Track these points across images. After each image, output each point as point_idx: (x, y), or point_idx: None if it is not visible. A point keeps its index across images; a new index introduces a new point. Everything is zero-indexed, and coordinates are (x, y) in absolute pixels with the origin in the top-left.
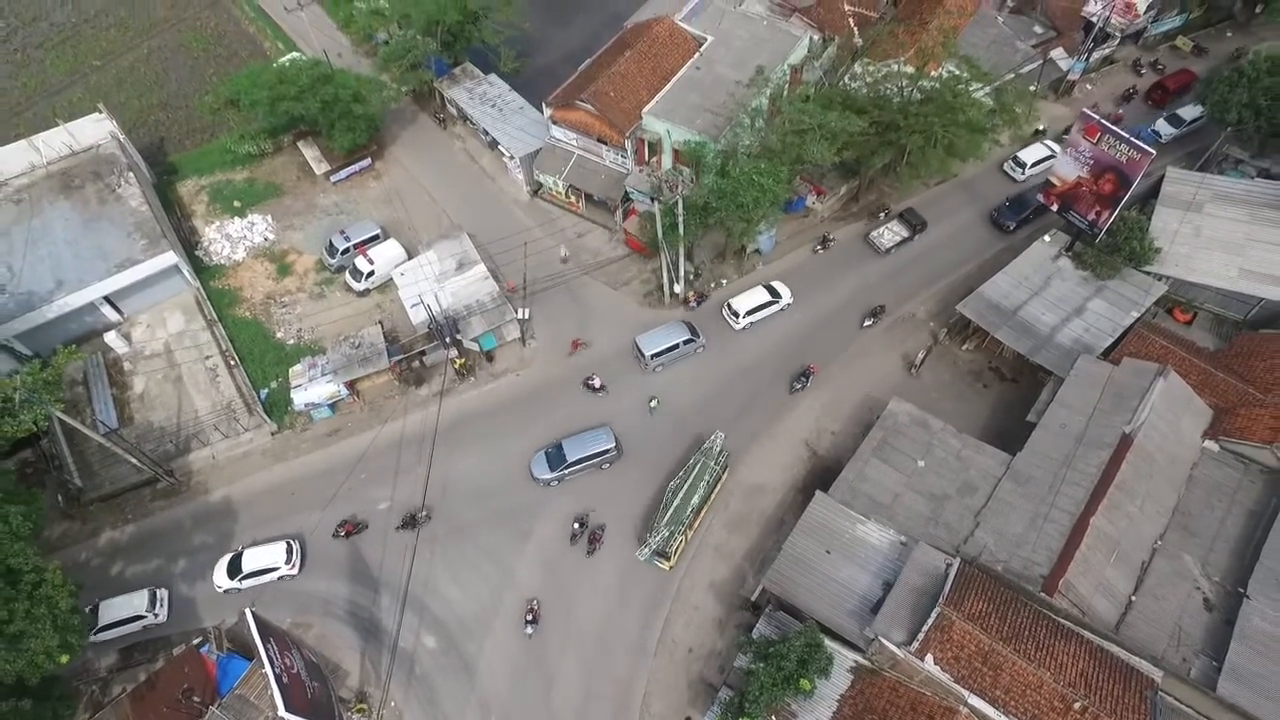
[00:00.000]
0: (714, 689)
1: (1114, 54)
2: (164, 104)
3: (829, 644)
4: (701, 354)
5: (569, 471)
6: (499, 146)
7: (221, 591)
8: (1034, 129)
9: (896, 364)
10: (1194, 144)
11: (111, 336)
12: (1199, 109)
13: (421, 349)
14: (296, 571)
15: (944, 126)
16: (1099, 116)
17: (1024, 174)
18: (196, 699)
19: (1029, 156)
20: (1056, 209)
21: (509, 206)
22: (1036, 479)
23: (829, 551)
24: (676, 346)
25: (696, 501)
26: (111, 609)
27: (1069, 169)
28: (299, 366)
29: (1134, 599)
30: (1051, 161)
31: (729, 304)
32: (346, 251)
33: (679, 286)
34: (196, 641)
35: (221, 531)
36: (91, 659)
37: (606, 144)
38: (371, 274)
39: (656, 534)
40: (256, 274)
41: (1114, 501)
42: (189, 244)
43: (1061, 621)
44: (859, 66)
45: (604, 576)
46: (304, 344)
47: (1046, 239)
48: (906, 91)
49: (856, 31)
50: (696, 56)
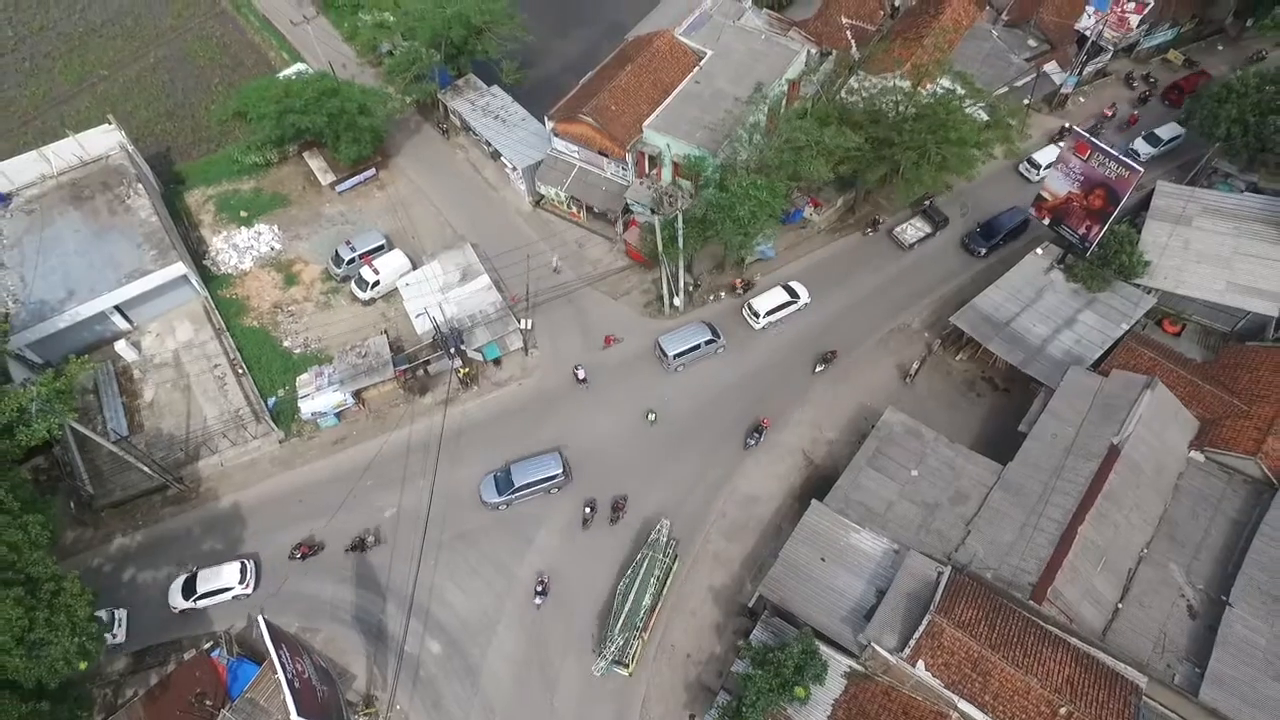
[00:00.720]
0: (712, 693)
1: (1106, 67)
2: (170, 113)
3: (824, 650)
4: (723, 353)
5: (516, 496)
6: (502, 158)
7: (177, 612)
8: (1061, 124)
9: (892, 373)
10: (1173, 161)
11: (122, 345)
12: (1177, 128)
13: (426, 359)
14: (251, 591)
15: (937, 144)
16: (1087, 134)
17: (1039, 174)
18: (209, 702)
19: (1044, 159)
20: (1048, 223)
21: (511, 217)
22: (1027, 488)
23: (824, 559)
24: (698, 347)
25: (649, 601)
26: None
27: (1060, 184)
28: (306, 375)
29: (1120, 606)
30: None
31: (749, 304)
32: (352, 262)
33: (679, 299)
34: (207, 646)
35: (231, 537)
36: (103, 662)
37: (608, 157)
38: (377, 284)
39: (612, 642)
40: (263, 283)
41: (1102, 511)
42: (197, 253)
43: (1049, 628)
44: (855, 81)
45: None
46: (310, 353)
47: (1039, 252)
48: (902, 107)
49: (854, 45)
50: (696, 71)
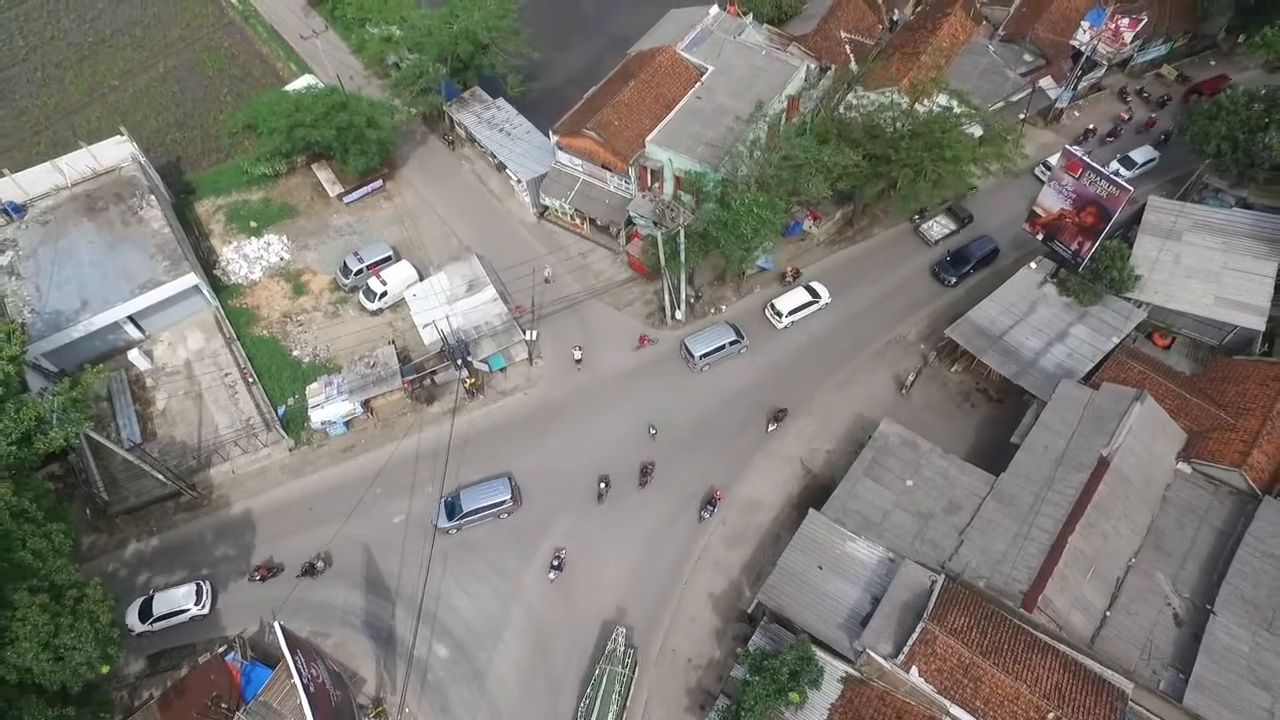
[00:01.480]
0: (712, 697)
1: (1101, 81)
2: (180, 123)
3: (820, 655)
4: (746, 352)
5: (465, 521)
6: (506, 170)
7: (135, 635)
8: (1086, 126)
9: (888, 384)
10: (1163, 176)
11: (134, 354)
12: (1152, 151)
13: (433, 369)
14: (207, 611)
15: (932, 162)
16: (1081, 153)
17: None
18: (224, 705)
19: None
20: (1041, 238)
21: (516, 228)
22: (1019, 499)
23: (821, 567)
24: (723, 347)
25: (612, 718)
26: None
27: (1053, 201)
28: (315, 385)
29: (1108, 614)
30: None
31: (772, 304)
32: (360, 272)
33: (680, 312)
34: (221, 650)
35: (243, 543)
36: (120, 665)
37: (611, 170)
38: (384, 294)
39: None
40: (273, 293)
41: (1091, 521)
42: (207, 263)
43: (1039, 636)
44: (853, 97)
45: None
46: (319, 362)
47: (1033, 266)
48: (899, 124)
49: (853, 59)
50: (698, 86)
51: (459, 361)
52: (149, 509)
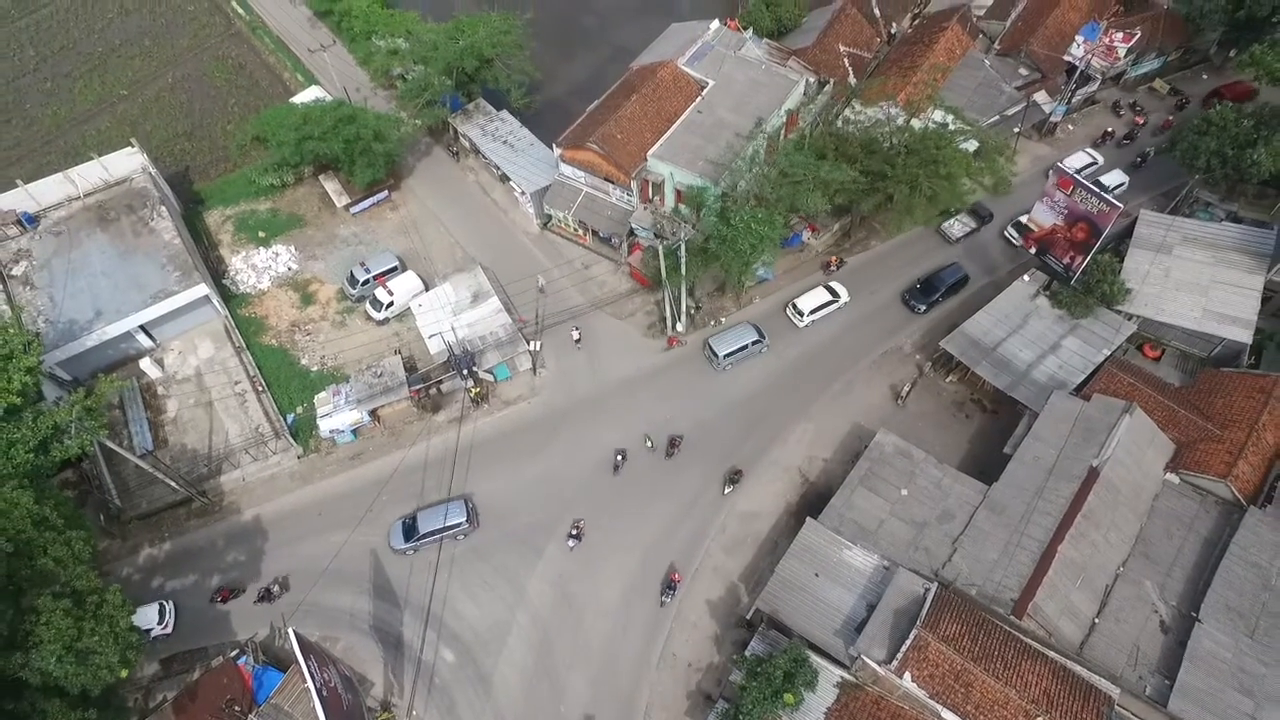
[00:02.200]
0: (712, 700)
1: (1095, 95)
2: (188, 133)
3: (817, 660)
4: (766, 353)
5: (422, 543)
6: (510, 181)
7: None
8: (1104, 129)
9: (885, 394)
10: (1141, 196)
11: (146, 363)
12: (1121, 175)
13: (439, 378)
14: (170, 630)
15: (928, 178)
16: (1072, 170)
17: None
18: (237, 708)
19: (1074, 163)
20: (1034, 252)
21: (520, 238)
22: (1010, 508)
23: (818, 574)
24: (746, 347)
25: None
26: None
27: (1045, 216)
28: (324, 394)
29: (1097, 621)
30: (1095, 168)
31: (794, 303)
32: (367, 283)
33: (680, 324)
34: (234, 654)
35: (254, 549)
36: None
37: (613, 183)
38: (391, 304)
39: None
40: (281, 303)
41: (1081, 530)
42: (216, 273)
43: (1029, 642)
44: (850, 112)
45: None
46: (327, 371)
47: (1026, 279)
48: (895, 140)
49: (851, 73)
50: (698, 100)
51: (464, 372)
52: (161, 515)
